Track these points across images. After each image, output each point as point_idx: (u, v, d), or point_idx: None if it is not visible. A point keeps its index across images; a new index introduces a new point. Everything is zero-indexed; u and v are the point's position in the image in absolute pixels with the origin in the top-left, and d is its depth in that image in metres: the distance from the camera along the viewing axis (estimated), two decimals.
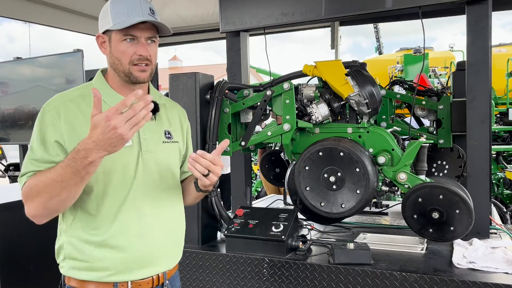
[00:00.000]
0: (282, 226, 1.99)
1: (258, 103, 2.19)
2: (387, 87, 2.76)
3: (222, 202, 2.29)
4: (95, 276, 1.38)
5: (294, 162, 2.23)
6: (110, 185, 1.39)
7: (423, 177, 2.01)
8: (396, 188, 2.09)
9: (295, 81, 2.25)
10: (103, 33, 1.45)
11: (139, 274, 1.43)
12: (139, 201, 1.43)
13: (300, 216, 2.30)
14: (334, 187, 2.01)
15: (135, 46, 1.42)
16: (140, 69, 1.43)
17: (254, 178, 7.27)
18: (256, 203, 3.20)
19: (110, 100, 1.44)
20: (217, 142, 2.25)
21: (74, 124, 1.38)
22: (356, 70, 2.10)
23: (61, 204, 1.33)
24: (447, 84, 3.02)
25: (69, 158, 1.24)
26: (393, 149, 2.04)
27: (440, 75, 6.98)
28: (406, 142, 2.19)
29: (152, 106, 1.25)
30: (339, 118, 2.22)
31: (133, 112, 1.20)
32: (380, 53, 13.31)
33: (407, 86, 2.74)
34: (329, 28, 4.76)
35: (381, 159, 2.03)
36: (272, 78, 2.38)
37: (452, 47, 8.75)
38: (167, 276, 1.52)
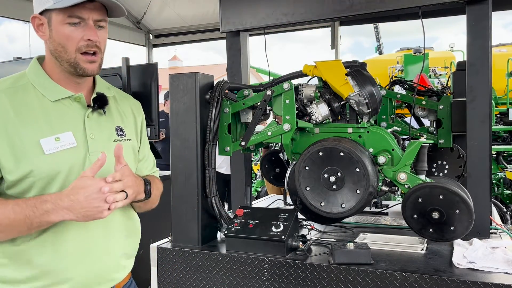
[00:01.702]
0: (282, 226, 1.99)
1: (258, 103, 2.19)
2: (387, 87, 2.76)
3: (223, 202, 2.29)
4: None
5: (294, 162, 2.23)
6: (49, 192, 1.16)
7: (423, 177, 2.01)
8: (396, 188, 2.09)
9: (295, 81, 2.25)
10: (41, 13, 1.22)
11: None
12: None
13: (300, 216, 2.30)
14: (334, 187, 2.01)
15: (82, 30, 1.20)
16: (88, 60, 1.22)
17: (254, 178, 7.27)
18: (256, 203, 3.20)
19: (50, 94, 1.23)
20: (217, 142, 2.25)
21: (5, 122, 1.15)
22: (356, 70, 2.10)
23: (2, 239, 1.15)
24: (447, 84, 3.02)
25: (28, 204, 1.08)
26: (393, 149, 2.04)
27: (440, 75, 6.99)
28: (406, 142, 2.19)
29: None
30: (339, 118, 2.22)
31: (121, 187, 1.07)
32: (380, 53, 13.32)
33: (407, 86, 2.75)
34: (329, 28, 4.76)
35: (381, 159, 2.03)
36: (272, 78, 2.38)
37: (452, 47, 8.75)
38: None
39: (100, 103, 1.30)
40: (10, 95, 1.19)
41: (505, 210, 4.91)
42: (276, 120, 2.65)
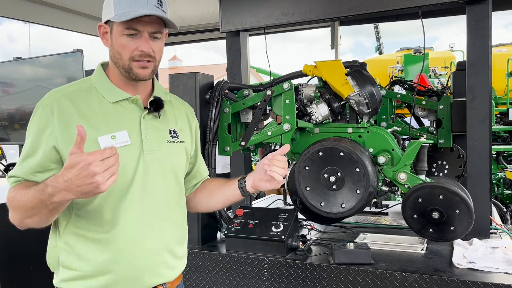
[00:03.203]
0: (282, 226, 1.99)
1: (258, 103, 2.19)
2: (387, 87, 2.76)
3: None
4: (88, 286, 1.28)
5: (294, 162, 2.23)
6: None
7: (423, 177, 2.01)
8: (396, 188, 2.09)
9: (295, 81, 2.25)
10: (106, 23, 1.33)
11: (134, 285, 1.32)
12: (137, 206, 1.32)
13: (300, 216, 2.30)
14: (334, 187, 2.01)
15: (137, 41, 1.30)
16: (141, 66, 1.32)
17: None
18: (256, 203, 3.20)
19: (110, 96, 1.34)
20: (217, 142, 2.25)
21: (68, 122, 1.26)
22: (356, 70, 2.10)
23: (38, 224, 1.22)
24: (447, 84, 3.02)
25: (38, 189, 1.14)
26: (393, 149, 2.04)
27: (440, 75, 6.98)
28: (406, 142, 2.19)
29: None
30: (339, 118, 2.22)
31: (114, 160, 1.08)
32: (380, 53, 13.32)
33: (407, 86, 2.74)
34: (329, 28, 4.76)
35: (381, 159, 2.03)
36: (272, 78, 2.38)
37: (452, 47, 8.75)
38: None
39: (156, 106, 1.40)
40: (74, 98, 1.30)
41: (505, 210, 4.91)
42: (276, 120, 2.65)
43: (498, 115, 6.71)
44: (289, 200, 2.84)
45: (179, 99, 1.60)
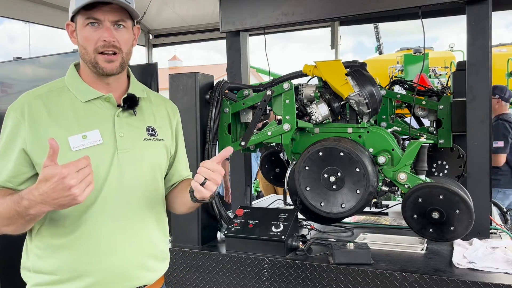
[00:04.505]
0: (282, 226, 1.99)
1: (258, 103, 2.19)
2: (387, 87, 2.76)
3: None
4: None
5: (294, 162, 2.23)
6: None
7: (423, 177, 2.01)
8: (396, 188, 2.09)
9: (295, 81, 2.25)
10: (72, 20, 1.30)
11: None
12: (112, 206, 1.28)
13: (300, 216, 2.30)
14: (334, 187, 2.01)
15: (99, 31, 1.25)
16: (106, 59, 1.27)
17: (254, 178, 7.26)
18: (256, 203, 3.20)
19: (82, 95, 1.31)
20: (217, 142, 2.25)
21: (38, 124, 1.23)
22: (356, 70, 2.10)
23: (14, 232, 1.20)
24: (447, 84, 3.02)
25: (13, 200, 1.12)
26: (393, 149, 2.04)
27: (440, 75, 6.98)
28: (406, 142, 2.19)
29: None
30: (339, 118, 2.22)
31: (89, 169, 1.06)
32: (380, 53, 13.31)
33: (407, 86, 2.75)
34: (330, 28, 4.76)
35: (381, 159, 2.03)
36: (272, 78, 2.38)
37: (452, 47, 8.74)
38: None
39: (130, 103, 1.36)
40: (45, 98, 1.27)
41: (505, 210, 4.90)
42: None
43: None
44: (289, 200, 2.84)
45: (160, 96, 1.54)
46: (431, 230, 1.91)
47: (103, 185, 1.27)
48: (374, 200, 2.45)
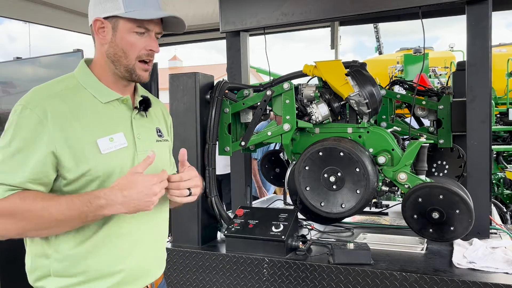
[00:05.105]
0: (282, 226, 1.99)
1: (258, 103, 2.19)
2: (387, 87, 2.76)
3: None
4: None
5: (294, 162, 2.23)
6: None
7: (423, 177, 2.01)
8: (396, 188, 2.09)
9: (295, 81, 2.25)
10: (105, 18, 1.28)
11: (135, 285, 1.32)
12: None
13: (300, 216, 2.30)
14: (334, 187, 2.01)
15: (144, 40, 1.28)
16: (144, 68, 1.30)
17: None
18: (256, 203, 3.20)
19: (101, 96, 1.29)
20: (217, 142, 2.25)
21: (64, 125, 1.19)
22: (356, 70, 2.10)
23: (40, 235, 1.20)
24: (447, 84, 3.02)
25: (82, 200, 1.12)
26: (393, 149, 2.04)
27: (440, 75, 6.98)
28: (406, 142, 2.19)
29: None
30: (339, 118, 2.22)
31: (165, 184, 1.18)
32: (380, 53, 13.31)
33: (407, 86, 2.74)
34: (330, 28, 4.76)
35: (381, 159, 2.03)
36: (272, 78, 2.38)
37: (452, 47, 8.74)
38: (154, 286, 1.40)
39: (145, 105, 1.39)
40: (64, 97, 1.23)
41: (505, 210, 4.90)
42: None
43: (498, 115, 6.70)
44: (289, 200, 2.84)
45: (154, 97, 1.55)
46: (431, 230, 1.91)
47: None
48: (374, 200, 2.45)
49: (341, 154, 1.98)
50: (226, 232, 2.08)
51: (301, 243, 2.00)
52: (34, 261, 1.26)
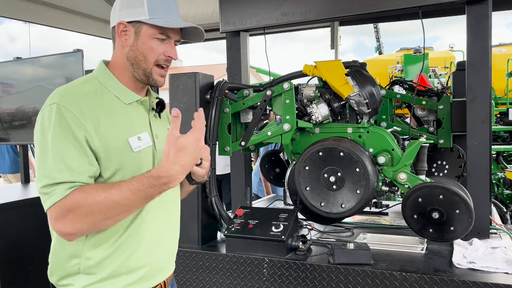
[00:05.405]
0: (282, 226, 1.99)
1: (258, 103, 2.19)
2: (387, 87, 2.76)
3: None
4: (111, 287, 1.27)
5: (294, 162, 2.23)
6: None
7: (423, 177, 2.01)
8: (396, 188, 2.09)
9: (295, 81, 2.25)
10: (129, 22, 1.32)
11: (154, 281, 1.37)
12: (153, 207, 1.33)
13: (300, 216, 2.30)
14: (334, 187, 2.01)
15: (164, 46, 1.34)
16: (160, 73, 1.37)
17: None
18: (256, 203, 3.20)
19: (124, 97, 1.34)
20: (217, 142, 2.25)
21: (98, 125, 1.24)
22: (356, 70, 2.10)
23: (112, 224, 1.23)
24: (447, 84, 3.02)
25: (144, 183, 1.15)
26: (393, 149, 2.04)
27: (440, 75, 6.98)
28: (406, 142, 2.19)
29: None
30: (339, 118, 2.22)
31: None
32: (380, 53, 13.32)
33: (407, 86, 2.74)
34: (330, 28, 4.76)
35: (381, 159, 2.03)
36: (272, 78, 2.38)
37: (452, 47, 8.75)
38: (169, 279, 1.46)
39: (161, 107, 1.47)
40: (94, 97, 1.27)
41: (505, 210, 4.90)
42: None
43: (498, 115, 6.70)
44: (289, 200, 2.84)
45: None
46: (431, 230, 1.91)
47: None
48: (374, 200, 2.45)
49: (341, 154, 1.98)
50: (226, 232, 2.08)
51: (301, 243, 2.00)
52: (62, 260, 1.28)
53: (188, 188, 1.54)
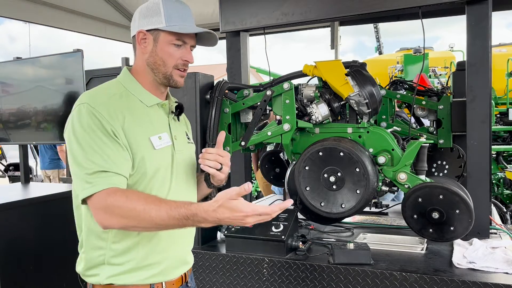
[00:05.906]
0: (282, 226, 1.99)
1: (258, 103, 2.19)
2: (387, 87, 2.76)
3: None
4: (134, 279, 1.35)
5: (294, 162, 2.23)
6: (155, 186, 1.37)
7: (423, 177, 2.01)
8: (396, 188, 2.09)
9: (295, 81, 2.25)
10: (148, 30, 1.42)
11: (175, 274, 1.45)
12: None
13: (300, 216, 2.30)
14: (334, 187, 2.01)
15: (181, 51, 1.43)
16: (180, 75, 1.45)
17: (254, 178, 7.27)
18: (256, 203, 3.20)
19: (147, 100, 1.43)
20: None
21: (123, 123, 1.32)
22: (356, 70, 2.10)
23: (140, 231, 1.32)
24: (447, 84, 3.02)
25: (181, 213, 1.21)
26: (393, 149, 2.04)
27: (440, 75, 6.99)
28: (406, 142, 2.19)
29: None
30: (339, 118, 2.22)
31: (269, 218, 1.23)
32: (380, 53, 13.32)
33: (407, 86, 2.74)
34: (330, 28, 4.76)
35: (381, 159, 2.03)
36: (272, 78, 2.38)
37: (452, 47, 8.75)
38: (189, 272, 1.55)
39: (180, 110, 1.55)
40: (120, 99, 1.37)
41: (505, 210, 4.90)
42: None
43: (498, 115, 6.71)
44: None
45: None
46: (431, 230, 1.91)
47: (171, 182, 1.42)
48: (374, 200, 2.45)
49: (341, 154, 1.98)
50: (226, 232, 2.08)
51: (301, 243, 2.00)
52: (90, 252, 1.37)
53: (206, 191, 1.61)
